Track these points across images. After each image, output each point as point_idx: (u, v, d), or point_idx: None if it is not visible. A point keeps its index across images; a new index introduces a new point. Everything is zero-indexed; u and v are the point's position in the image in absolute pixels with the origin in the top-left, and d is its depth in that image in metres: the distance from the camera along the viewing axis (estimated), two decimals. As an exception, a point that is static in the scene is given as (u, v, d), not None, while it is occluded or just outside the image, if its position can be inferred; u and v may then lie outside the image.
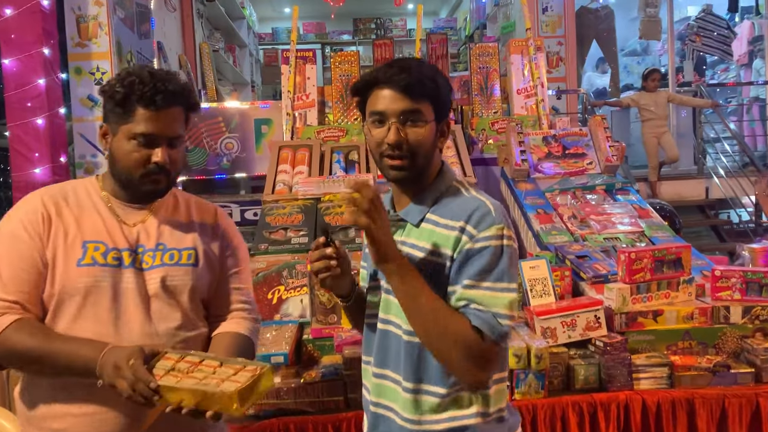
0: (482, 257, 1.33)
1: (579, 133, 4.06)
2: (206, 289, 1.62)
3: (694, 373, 2.30)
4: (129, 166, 1.48)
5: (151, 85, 1.45)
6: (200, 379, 1.29)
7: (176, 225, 1.60)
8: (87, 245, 1.47)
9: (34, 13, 4.02)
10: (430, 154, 1.43)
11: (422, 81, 1.38)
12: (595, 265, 2.83)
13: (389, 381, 1.45)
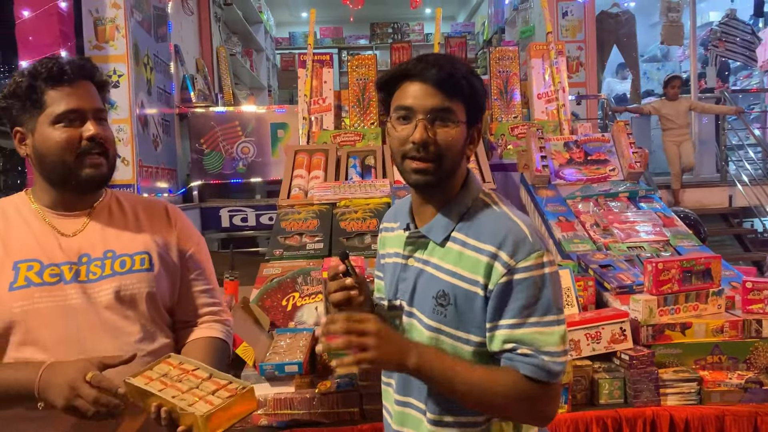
0: (524, 291, 1.21)
1: (601, 139, 3.97)
2: (168, 295, 1.51)
3: (725, 389, 2.20)
4: (61, 153, 1.37)
5: (53, 64, 1.39)
6: (183, 390, 1.23)
7: (123, 228, 1.48)
8: (18, 266, 1.36)
9: (51, 16, 4.01)
10: (457, 159, 1.29)
11: (457, 78, 1.25)
12: (620, 275, 2.74)
13: (413, 409, 1.34)
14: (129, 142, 4.67)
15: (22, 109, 1.39)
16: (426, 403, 1.30)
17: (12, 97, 1.39)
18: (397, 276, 1.37)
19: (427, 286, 1.29)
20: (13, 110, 1.40)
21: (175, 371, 1.29)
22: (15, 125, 1.42)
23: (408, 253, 1.36)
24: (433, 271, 1.29)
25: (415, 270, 1.33)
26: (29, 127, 1.40)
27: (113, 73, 4.65)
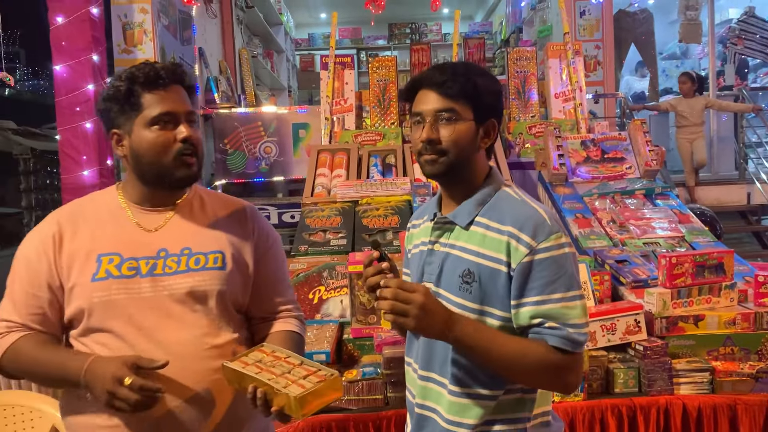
0: (546, 269, 1.33)
1: (618, 137, 4.04)
2: (239, 293, 1.56)
3: (736, 378, 2.28)
4: (158, 153, 1.45)
5: (150, 68, 1.47)
6: (277, 374, 1.33)
7: (202, 226, 1.55)
8: (101, 258, 1.45)
9: (84, 22, 4.17)
10: (465, 152, 1.42)
11: (456, 80, 1.39)
12: (635, 269, 2.83)
13: (434, 383, 1.46)
14: (157, 143, 4.82)
15: (119, 111, 1.47)
16: (448, 377, 1.41)
17: (111, 100, 1.47)
18: (423, 261, 1.50)
19: (453, 267, 1.41)
20: (111, 113, 1.48)
21: (269, 358, 1.39)
22: (112, 127, 1.50)
23: (434, 239, 1.48)
24: (459, 253, 1.42)
25: (441, 254, 1.45)
26: (126, 129, 1.47)
27: (141, 76, 4.81)
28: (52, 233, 1.48)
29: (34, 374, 1.47)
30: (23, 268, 1.48)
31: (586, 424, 2.24)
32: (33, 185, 6.87)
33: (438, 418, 1.44)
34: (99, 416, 1.43)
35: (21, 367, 1.44)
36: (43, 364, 1.41)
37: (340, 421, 2.20)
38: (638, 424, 2.25)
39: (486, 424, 1.40)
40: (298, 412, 1.26)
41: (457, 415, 1.40)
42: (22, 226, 7.17)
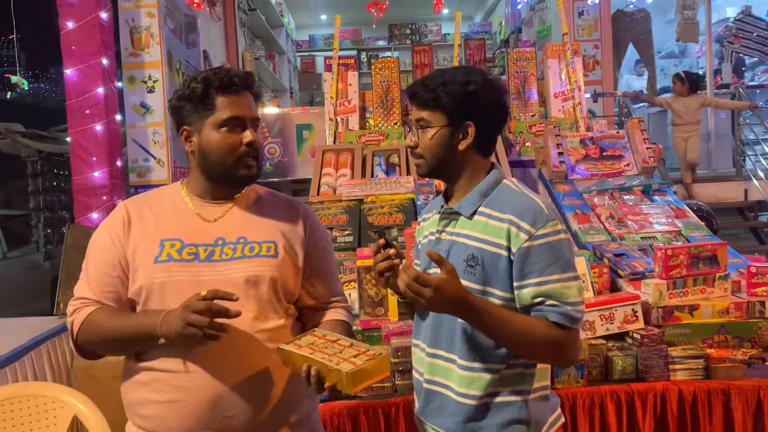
0: (545, 253, 1.47)
1: (616, 135, 4.13)
2: (290, 281, 1.65)
3: (729, 365, 2.38)
4: (223, 154, 1.57)
5: (225, 73, 1.58)
6: (329, 354, 1.43)
7: (257, 218, 1.66)
8: (164, 243, 1.57)
9: (94, 26, 4.26)
10: (440, 154, 1.59)
11: (431, 95, 1.56)
12: (633, 262, 2.92)
13: (441, 360, 1.59)
14: (164, 144, 4.92)
15: (192, 110, 1.58)
16: (456, 352, 1.56)
17: (186, 99, 1.59)
18: (432, 249, 1.60)
19: (458, 253, 1.56)
20: (184, 111, 1.60)
21: (321, 341, 1.50)
22: (183, 124, 1.61)
23: (441, 228, 1.64)
24: (464, 240, 1.57)
25: (448, 242, 1.61)
26: (196, 127, 1.59)
27: (148, 78, 4.90)
28: (122, 217, 1.61)
29: (108, 340, 1.55)
30: (97, 250, 1.61)
31: (586, 409, 2.35)
32: (40, 187, 6.95)
33: (446, 390, 1.58)
34: (157, 393, 1.54)
35: (95, 336, 1.55)
36: (117, 328, 1.52)
37: (351, 407, 2.31)
38: (636, 409, 2.35)
39: (490, 396, 1.53)
40: (350, 388, 1.35)
41: (464, 387, 1.54)
42: (29, 228, 7.25)
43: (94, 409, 2.27)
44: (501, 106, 1.62)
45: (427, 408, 1.65)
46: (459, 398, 1.55)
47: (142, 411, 1.58)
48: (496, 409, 1.54)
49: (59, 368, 3.38)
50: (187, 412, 1.52)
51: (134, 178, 4.90)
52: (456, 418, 1.56)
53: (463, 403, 1.54)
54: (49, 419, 2.31)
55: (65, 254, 3.77)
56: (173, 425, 1.53)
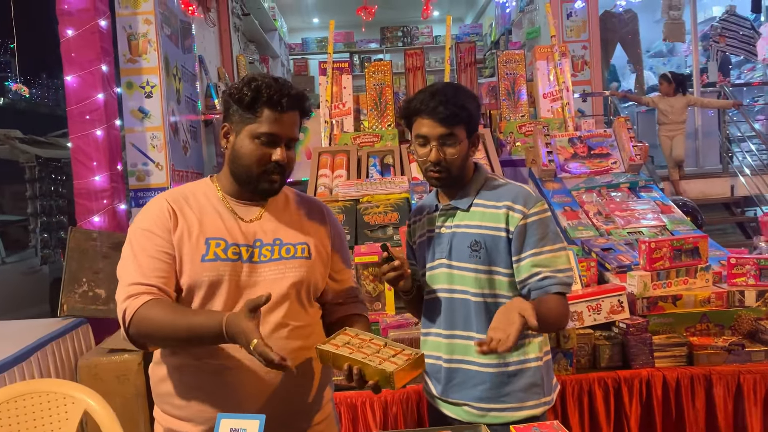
0: (537, 228, 1.71)
1: (603, 134, 4.26)
2: (320, 280, 1.72)
3: (711, 351, 2.50)
4: (250, 164, 1.59)
5: (278, 89, 1.57)
6: (368, 354, 1.52)
7: (289, 221, 1.70)
8: (209, 242, 1.59)
9: (93, 34, 4.35)
10: (463, 165, 1.79)
11: (456, 112, 1.72)
12: (619, 256, 3.04)
13: (459, 339, 1.78)
14: (162, 148, 5.01)
15: (237, 112, 1.61)
16: (473, 329, 1.75)
17: (233, 100, 1.61)
18: (432, 244, 1.84)
19: (462, 242, 1.77)
20: (231, 108, 1.62)
21: (355, 340, 1.58)
22: (226, 120, 1.64)
23: (440, 224, 1.83)
24: (465, 230, 1.78)
25: (449, 235, 1.81)
26: (236, 128, 1.62)
27: (146, 84, 4.99)
28: (166, 209, 1.62)
29: (169, 334, 1.53)
30: (144, 238, 1.59)
31: (575, 396, 2.46)
32: (38, 192, 7.03)
33: (467, 365, 1.77)
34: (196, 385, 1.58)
35: (153, 328, 1.52)
36: (180, 325, 1.50)
37: (351, 397, 2.41)
38: (623, 395, 2.47)
39: (507, 364, 1.75)
40: (393, 385, 1.45)
41: (481, 358, 1.71)
42: (27, 233, 7.32)
43: (104, 405, 2.31)
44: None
45: (448, 386, 1.81)
46: (479, 368, 1.75)
47: (177, 401, 1.61)
48: (517, 375, 1.75)
49: (64, 368, 3.46)
50: (226, 405, 1.56)
51: (133, 182, 4.98)
52: (482, 387, 1.75)
53: (485, 372, 1.74)
54: (60, 414, 2.37)
55: (68, 257, 3.85)
56: (210, 416, 1.56)
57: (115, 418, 2.28)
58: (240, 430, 1.32)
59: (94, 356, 3.51)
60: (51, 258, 7.16)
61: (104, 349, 3.58)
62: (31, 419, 2.36)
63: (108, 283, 3.76)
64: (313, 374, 1.69)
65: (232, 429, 1.32)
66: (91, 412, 2.32)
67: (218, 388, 1.58)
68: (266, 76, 1.62)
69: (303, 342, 1.64)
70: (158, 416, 1.69)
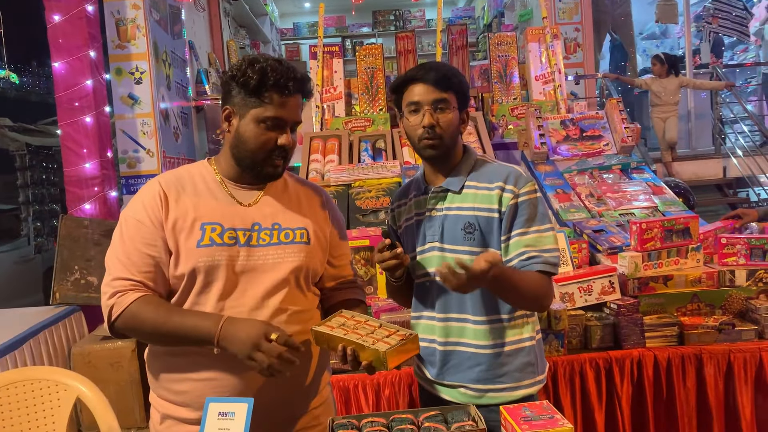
0: (527, 208, 1.71)
1: (595, 116, 4.25)
2: (318, 265, 1.71)
3: (701, 331, 2.51)
4: (255, 148, 1.57)
5: (284, 73, 1.55)
6: (362, 335, 1.52)
7: (288, 205, 1.69)
8: (205, 227, 1.57)
9: (80, 19, 4.32)
10: (455, 135, 1.77)
11: (448, 76, 1.73)
12: (611, 237, 3.05)
13: (454, 321, 1.78)
14: (153, 135, 4.98)
15: (241, 95, 1.57)
16: (468, 311, 1.76)
17: (238, 83, 1.57)
18: (423, 228, 1.81)
19: (454, 224, 1.75)
20: (233, 91, 1.58)
21: (350, 322, 1.59)
22: (227, 103, 1.60)
23: (431, 206, 1.80)
24: (456, 212, 1.76)
25: (440, 217, 1.78)
26: (240, 112, 1.58)
27: (136, 70, 4.95)
28: (158, 193, 1.60)
29: (158, 334, 1.55)
30: (133, 228, 1.58)
31: (567, 377, 2.47)
32: (29, 181, 6.99)
33: (462, 347, 1.77)
34: (196, 371, 1.57)
35: (142, 327, 1.53)
36: (170, 325, 1.52)
37: (343, 380, 2.42)
38: (614, 375, 2.48)
39: (501, 345, 1.75)
40: (386, 365, 1.45)
41: (478, 339, 1.74)
42: (19, 222, 7.29)
43: (96, 392, 2.30)
44: None
45: (444, 369, 1.81)
46: (476, 350, 1.75)
47: (176, 387, 1.61)
48: (512, 356, 1.75)
49: (57, 356, 3.46)
50: (226, 391, 1.57)
51: (124, 169, 4.96)
52: (478, 368, 1.75)
53: (480, 353, 1.74)
54: (53, 401, 2.36)
55: (60, 245, 3.84)
56: None
57: (108, 405, 2.27)
58: (228, 414, 1.31)
59: (87, 344, 3.52)
60: (45, 246, 7.13)
61: (97, 337, 3.58)
62: (24, 407, 2.35)
63: (100, 271, 3.71)
64: (311, 359, 1.69)
65: (220, 412, 1.32)
66: (83, 399, 2.32)
67: (216, 373, 1.57)
68: (269, 58, 1.59)
69: (301, 327, 1.63)
70: (154, 401, 1.69)
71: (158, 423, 1.67)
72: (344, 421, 1.48)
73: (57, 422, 2.31)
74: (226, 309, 1.57)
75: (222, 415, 1.32)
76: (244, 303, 1.58)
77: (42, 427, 2.32)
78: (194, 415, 1.59)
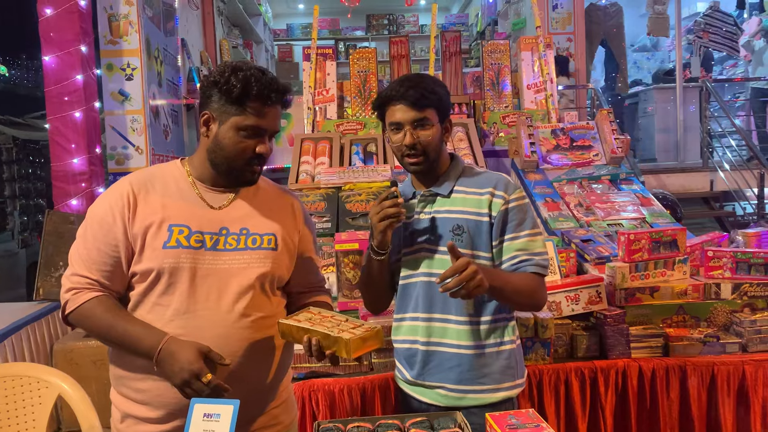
0: (517, 214, 1.80)
1: (586, 126, 4.27)
2: (285, 271, 1.72)
3: (686, 342, 2.52)
4: (234, 155, 1.59)
5: (267, 83, 1.57)
6: (328, 327, 1.55)
7: (258, 210, 1.70)
8: (172, 228, 1.58)
9: (72, 13, 4.27)
10: (438, 148, 1.84)
11: (425, 95, 1.78)
12: (599, 248, 3.06)
13: (437, 322, 1.82)
14: (142, 132, 4.94)
15: (221, 101, 1.59)
16: (451, 312, 1.80)
17: (220, 90, 1.58)
18: (410, 230, 1.85)
19: (442, 226, 1.82)
20: (214, 97, 1.59)
21: (317, 317, 1.61)
22: (206, 108, 1.62)
23: (419, 210, 1.85)
24: (445, 215, 1.83)
25: (427, 220, 1.84)
26: (219, 118, 1.60)
27: (127, 66, 4.91)
28: (126, 193, 1.61)
29: (104, 337, 1.59)
30: (97, 226, 1.60)
31: (552, 385, 2.48)
32: (16, 174, 6.91)
33: (444, 348, 1.81)
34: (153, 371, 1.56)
35: (91, 327, 1.58)
36: (116, 331, 1.55)
37: (328, 384, 2.41)
38: (599, 385, 2.49)
39: (483, 347, 1.80)
40: (350, 354, 1.47)
41: (460, 340, 1.79)
42: (5, 215, 7.21)
43: (78, 389, 2.29)
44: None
45: (425, 369, 1.84)
46: (457, 350, 1.79)
47: (136, 385, 1.62)
48: (492, 357, 1.80)
49: (39, 353, 3.42)
50: None
51: (113, 166, 4.92)
52: (458, 369, 1.79)
53: (462, 354, 1.79)
54: (34, 399, 2.34)
55: (44, 240, 3.80)
56: (168, 401, 1.59)
57: (90, 403, 2.26)
58: (214, 415, 1.30)
59: (70, 341, 3.48)
60: (29, 241, 7.06)
61: (80, 334, 3.54)
62: (3, 403, 2.33)
63: (85, 267, 3.72)
64: (272, 363, 1.71)
65: (205, 414, 1.31)
66: (65, 396, 2.30)
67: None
68: (252, 66, 1.61)
69: (264, 332, 1.65)
70: (115, 399, 1.69)
71: (119, 422, 1.68)
72: (330, 425, 1.48)
73: (37, 419, 2.29)
74: (188, 312, 1.58)
75: (207, 417, 1.31)
76: (208, 307, 1.59)
77: (22, 424, 2.30)
78: (154, 414, 1.61)
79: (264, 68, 1.64)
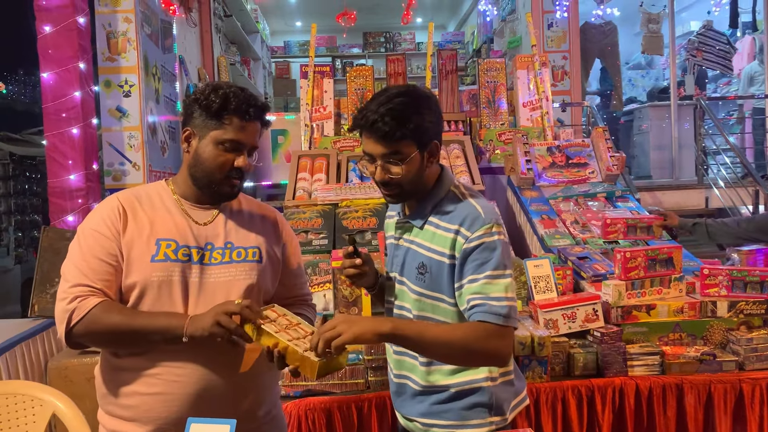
0: (478, 253, 1.57)
1: (582, 144, 4.30)
2: (270, 283, 1.76)
3: (683, 361, 2.52)
4: (213, 169, 1.63)
5: (245, 99, 1.63)
6: (294, 338, 1.52)
7: (242, 225, 1.75)
8: (160, 242, 1.62)
9: (71, 31, 4.29)
10: (415, 179, 1.64)
11: (396, 128, 1.55)
12: (595, 265, 3.07)
13: (407, 356, 1.74)
14: (140, 148, 4.95)
15: (202, 117, 1.64)
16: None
17: (200, 106, 1.63)
18: (392, 254, 1.80)
19: (412, 260, 1.69)
20: (195, 113, 1.64)
21: (282, 319, 1.59)
22: (188, 124, 1.67)
23: (399, 235, 1.78)
24: (417, 249, 1.69)
25: (404, 248, 1.74)
26: (199, 133, 1.65)
27: (125, 83, 4.93)
28: (117, 208, 1.64)
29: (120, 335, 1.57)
30: (91, 238, 1.62)
31: (549, 404, 2.47)
32: (12, 190, 6.90)
33: (411, 382, 1.74)
34: (145, 385, 1.60)
35: (103, 330, 1.56)
36: (137, 324, 1.56)
37: (325, 403, 2.40)
38: (596, 403, 2.48)
39: (450, 386, 1.69)
40: (314, 375, 1.45)
41: (425, 380, 1.70)
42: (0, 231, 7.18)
43: (72, 407, 2.28)
44: (440, 113, 1.67)
45: (398, 400, 1.80)
46: (418, 387, 1.71)
47: (124, 401, 1.63)
48: (459, 395, 1.68)
49: (33, 370, 3.40)
50: (174, 404, 1.60)
51: (110, 182, 4.91)
52: (422, 404, 1.71)
53: (426, 391, 1.70)
54: (28, 417, 2.33)
55: (40, 257, 3.78)
56: (156, 416, 1.61)
57: (84, 421, 2.24)
58: (210, 435, 1.29)
59: (65, 358, 3.46)
60: (24, 257, 7.03)
61: (74, 351, 3.52)
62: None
63: (81, 284, 3.70)
64: (260, 375, 1.71)
65: (201, 434, 1.30)
66: (59, 414, 2.29)
67: (165, 388, 1.60)
68: (232, 85, 1.67)
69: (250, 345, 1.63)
70: (102, 419, 1.70)
71: None
72: None
73: (32, 438, 2.27)
74: None
75: (203, 437, 1.30)
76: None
77: (16, 442, 2.28)
78: (142, 431, 1.61)
79: (244, 87, 1.69)
